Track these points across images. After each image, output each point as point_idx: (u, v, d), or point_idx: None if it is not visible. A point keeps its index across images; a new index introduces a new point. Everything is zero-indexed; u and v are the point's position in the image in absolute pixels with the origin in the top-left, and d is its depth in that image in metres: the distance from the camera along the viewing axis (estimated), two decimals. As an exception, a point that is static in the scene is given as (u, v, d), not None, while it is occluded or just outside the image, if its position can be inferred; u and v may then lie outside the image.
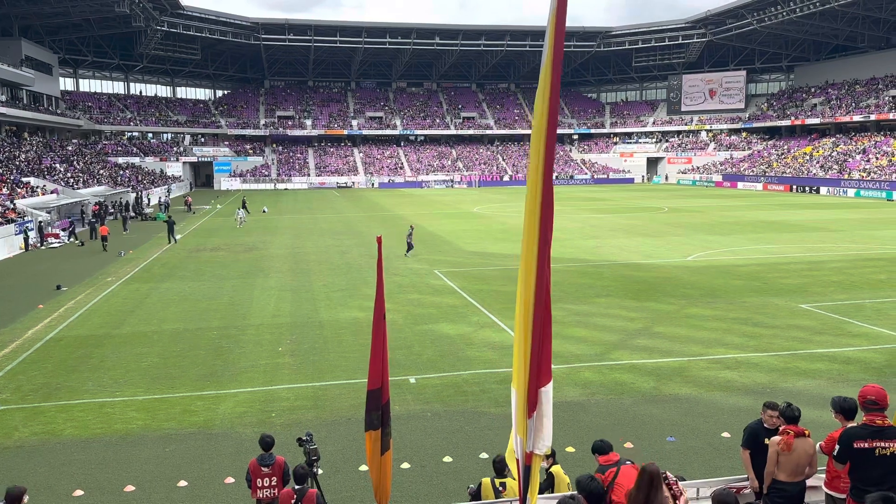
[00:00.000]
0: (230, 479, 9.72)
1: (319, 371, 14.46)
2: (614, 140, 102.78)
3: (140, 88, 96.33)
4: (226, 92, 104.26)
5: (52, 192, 47.20)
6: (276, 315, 19.47)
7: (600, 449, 6.20)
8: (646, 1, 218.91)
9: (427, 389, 13.23)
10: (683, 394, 12.87)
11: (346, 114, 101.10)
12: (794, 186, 70.95)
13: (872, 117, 73.57)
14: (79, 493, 9.45)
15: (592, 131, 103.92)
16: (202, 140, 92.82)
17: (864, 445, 5.58)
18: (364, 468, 9.71)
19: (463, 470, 9.87)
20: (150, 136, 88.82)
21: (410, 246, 29.99)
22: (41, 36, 71.29)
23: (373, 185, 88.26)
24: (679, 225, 40.54)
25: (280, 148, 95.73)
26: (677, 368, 14.30)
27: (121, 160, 75.68)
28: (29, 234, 35.08)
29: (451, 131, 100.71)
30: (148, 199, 60.35)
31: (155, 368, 14.75)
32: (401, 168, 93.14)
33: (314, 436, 8.08)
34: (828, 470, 6.10)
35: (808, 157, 77.35)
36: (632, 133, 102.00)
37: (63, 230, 38.85)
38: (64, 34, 75.39)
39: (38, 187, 47.01)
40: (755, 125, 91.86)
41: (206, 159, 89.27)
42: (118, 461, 10.38)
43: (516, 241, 34.02)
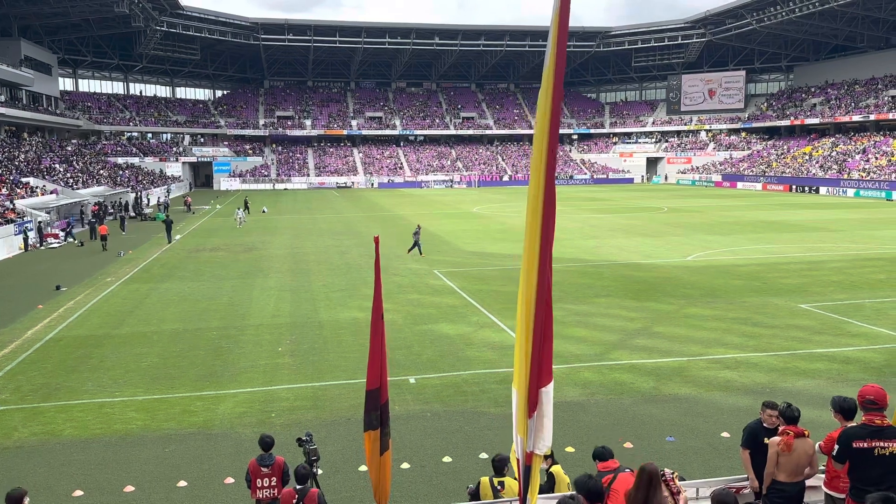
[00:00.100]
0: (230, 480, 9.72)
1: (319, 371, 14.46)
2: (614, 140, 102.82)
3: (139, 88, 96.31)
4: (225, 92, 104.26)
5: (51, 193, 47.20)
6: (275, 315, 19.47)
7: (601, 455, 6.19)
8: (645, 1, 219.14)
9: (427, 389, 13.24)
10: (683, 394, 12.87)
11: (346, 114, 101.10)
12: (794, 186, 70.99)
13: (872, 117, 73.62)
14: (78, 493, 9.45)
15: (592, 131, 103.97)
16: (202, 140, 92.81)
17: (864, 445, 5.58)
18: (364, 468, 9.71)
19: (462, 470, 9.87)
20: (150, 136, 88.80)
21: (417, 245, 29.95)
22: (40, 36, 71.30)
23: (372, 185, 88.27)
24: (679, 225, 40.55)
25: (279, 148, 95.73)
26: (677, 368, 14.30)
27: (120, 160, 75.66)
28: (28, 234, 35.09)
29: (451, 131, 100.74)
30: (147, 200, 60.34)
31: (154, 369, 14.75)
32: (400, 168, 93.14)
33: (314, 436, 8.08)
34: (827, 470, 6.10)
35: (807, 157, 77.38)
36: (631, 133, 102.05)
37: (61, 230, 38.83)
38: (63, 34, 75.40)
39: (37, 187, 47.01)
40: (755, 125, 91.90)
41: (206, 159, 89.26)
42: (118, 461, 10.38)
43: (515, 241, 34.02)
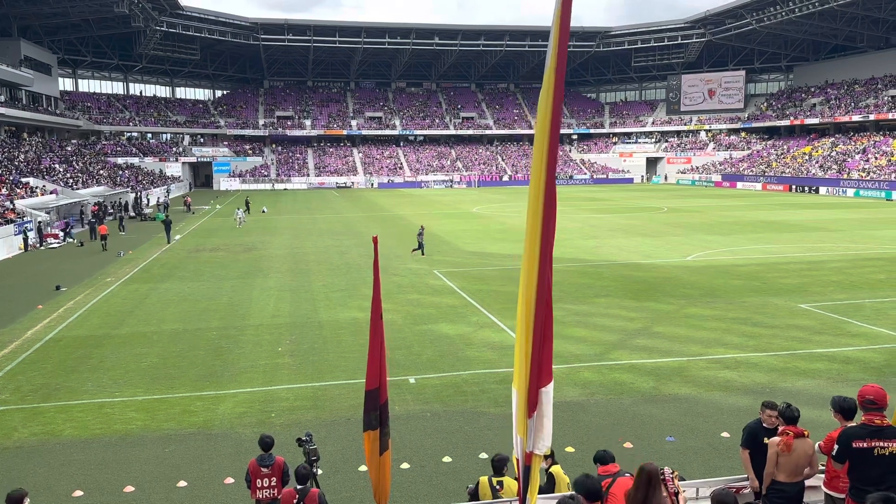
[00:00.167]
0: (230, 480, 9.72)
1: (319, 371, 14.46)
2: (613, 140, 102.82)
3: (139, 89, 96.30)
4: (225, 92, 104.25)
5: (51, 193, 47.19)
6: (275, 315, 19.48)
7: (602, 459, 6.17)
8: (645, 1, 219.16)
9: (426, 389, 13.24)
10: (683, 394, 12.88)
11: (346, 114, 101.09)
12: (794, 186, 71.00)
13: (871, 117, 73.62)
14: (78, 493, 9.45)
15: (592, 131, 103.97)
16: (201, 140, 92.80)
17: (863, 445, 5.58)
18: (363, 468, 9.71)
19: (462, 470, 9.88)
20: (150, 136, 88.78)
21: (421, 245, 29.92)
22: (40, 36, 71.29)
23: (372, 185, 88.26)
24: (678, 225, 40.56)
25: (279, 148, 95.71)
26: (677, 368, 14.30)
27: (120, 160, 75.64)
28: (28, 234, 35.09)
29: (451, 131, 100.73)
30: (147, 200, 60.33)
31: (154, 369, 14.75)
32: (400, 168, 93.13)
33: (314, 436, 8.08)
34: (827, 470, 6.10)
35: (807, 156, 77.39)
36: (631, 133, 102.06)
37: (61, 231, 38.82)
38: (63, 34, 75.38)
39: (37, 188, 47.00)
40: (754, 125, 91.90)
41: (206, 159, 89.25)
42: (118, 461, 10.38)
43: (515, 241, 34.02)
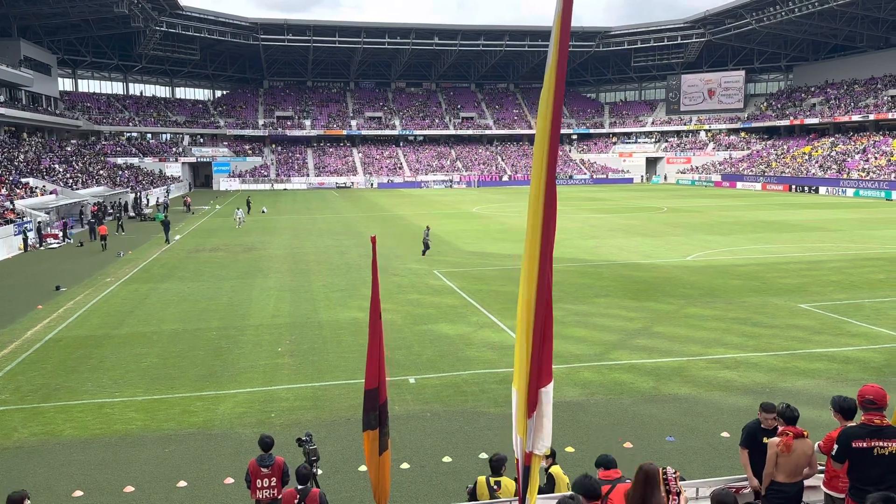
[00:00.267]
0: (230, 480, 9.72)
1: (319, 371, 14.47)
2: (613, 140, 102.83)
3: (139, 89, 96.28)
4: (225, 92, 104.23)
5: (51, 193, 47.18)
6: (275, 315, 19.48)
7: (604, 464, 6.11)
8: (645, 1, 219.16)
9: (426, 389, 13.24)
10: (683, 394, 12.88)
11: (345, 114, 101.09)
12: (793, 186, 71.01)
13: (871, 117, 73.63)
14: (78, 493, 9.45)
15: (591, 131, 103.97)
16: (201, 140, 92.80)
17: (863, 445, 5.58)
18: (363, 468, 9.70)
19: (462, 470, 9.88)
20: (149, 136, 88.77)
21: (427, 246, 29.91)
22: (40, 36, 71.27)
23: (372, 185, 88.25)
24: (678, 225, 40.56)
25: (279, 148, 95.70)
26: (676, 368, 14.31)
27: (120, 160, 75.63)
28: (28, 234, 35.08)
29: (451, 131, 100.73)
30: (147, 200, 60.33)
31: (154, 369, 14.75)
32: (400, 168, 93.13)
33: (313, 436, 8.09)
34: (826, 469, 6.10)
35: (807, 156, 77.40)
36: (631, 133, 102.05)
37: (60, 231, 38.78)
38: (63, 34, 75.36)
39: (37, 188, 46.99)
40: (754, 125, 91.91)
41: (205, 160, 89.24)
42: (118, 462, 10.38)
43: (515, 241, 34.02)
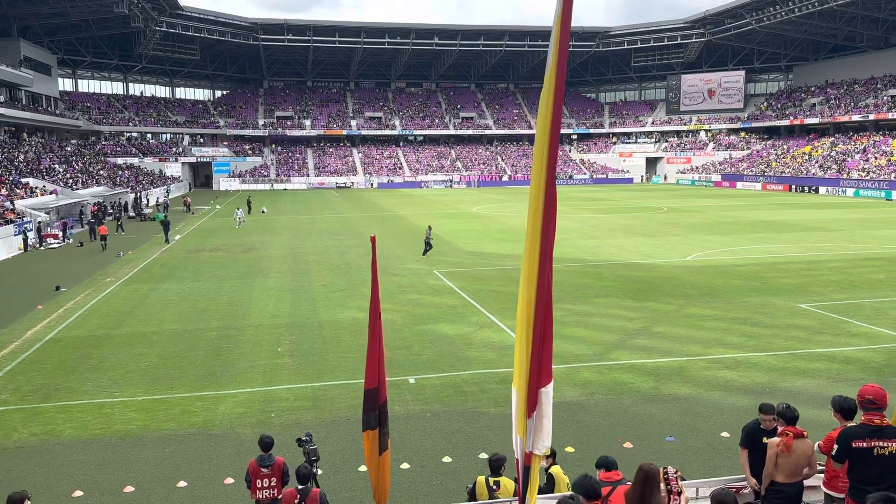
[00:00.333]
0: (230, 480, 9.72)
1: (319, 371, 14.47)
2: (613, 140, 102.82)
3: (139, 89, 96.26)
4: (225, 92, 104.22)
5: (51, 193, 47.17)
6: (275, 315, 19.48)
7: (605, 465, 6.07)
8: (645, 1, 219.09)
9: (426, 390, 13.24)
10: (683, 394, 12.88)
11: (345, 114, 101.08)
12: (793, 186, 71.00)
13: (871, 117, 73.62)
14: (78, 493, 9.45)
15: (591, 131, 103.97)
16: (201, 140, 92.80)
17: (863, 445, 5.57)
18: (363, 468, 9.70)
19: (462, 470, 9.88)
20: (149, 136, 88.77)
21: (429, 245, 29.90)
22: (40, 36, 71.26)
23: (372, 185, 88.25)
24: (678, 225, 40.56)
25: (279, 148, 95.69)
26: (676, 368, 14.31)
27: (120, 161, 75.63)
28: (28, 234, 35.08)
29: (450, 131, 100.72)
30: (147, 200, 60.32)
31: (154, 369, 14.75)
32: (400, 168, 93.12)
33: (313, 436, 8.09)
34: (826, 469, 6.10)
35: (806, 156, 77.39)
36: (631, 133, 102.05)
37: (60, 231, 38.76)
38: (63, 35, 75.36)
39: (37, 188, 46.98)
40: (754, 125, 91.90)
41: (205, 160, 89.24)
42: (118, 462, 10.38)
43: (515, 241, 34.02)
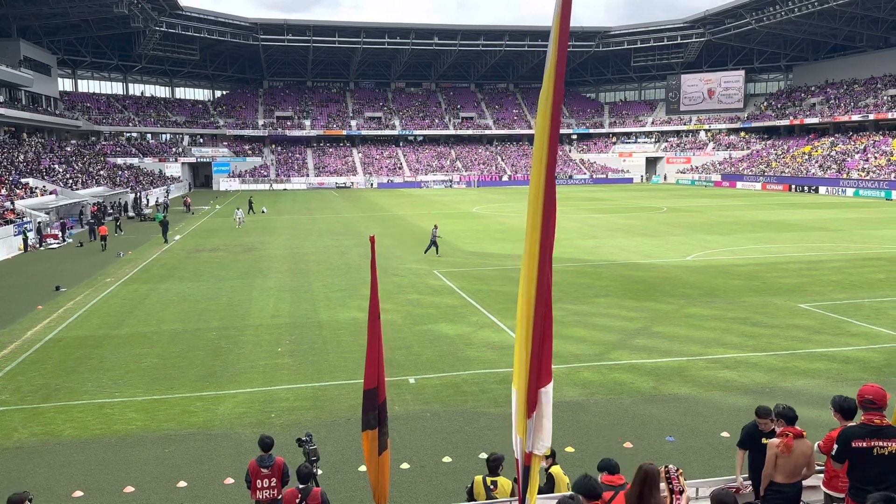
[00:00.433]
0: (230, 480, 9.73)
1: (319, 371, 14.47)
2: (613, 140, 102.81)
3: (139, 89, 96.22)
4: (224, 92, 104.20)
5: (50, 193, 47.17)
6: (275, 315, 19.48)
7: (607, 468, 5.99)
8: (645, 1, 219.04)
9: (426, 390, 13.24)
10: (683, 393, 12.88)
11: (345, 114, 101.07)
12: (793, 186, 71.00)
13: (871, 117, 73.62)
14: (78, 493, 9.45)
15: (591, 131, 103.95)
16: (201, 141, 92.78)
17: (863, 445, 5.57)
18: (363, 468, 9.70)
19: (462, 470, 9.88)
20: (149, 136, 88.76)
21: (435, 245, 29.81)
22: (40, 37, 71.24)
23: (371, 185, 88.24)
24: (678, 225, 40.56)
25: (279, 148, 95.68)
26: (676, 368, 14.31)
27: (119, 161, 75.62)
28: (28, 234, 35.08)
29: (450, 131, 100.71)
30: (147, 200, 60.32)
31: (154, 369, 14.75)
32: (400, 168, 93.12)
33: (313, 436, 8.09)
34: (826, 469, 6.10)
35: (806, 156, 77.39)
36: (630, 133, 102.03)
37: (59, 231, 38.77)
38: (62, 35, 75.33)
39: (36, 188, 46.98)
40: (754, 125, 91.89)
41: (205, 160, 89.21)
42: (118, 462, 10.39)
43: (515, 241, 34.02)
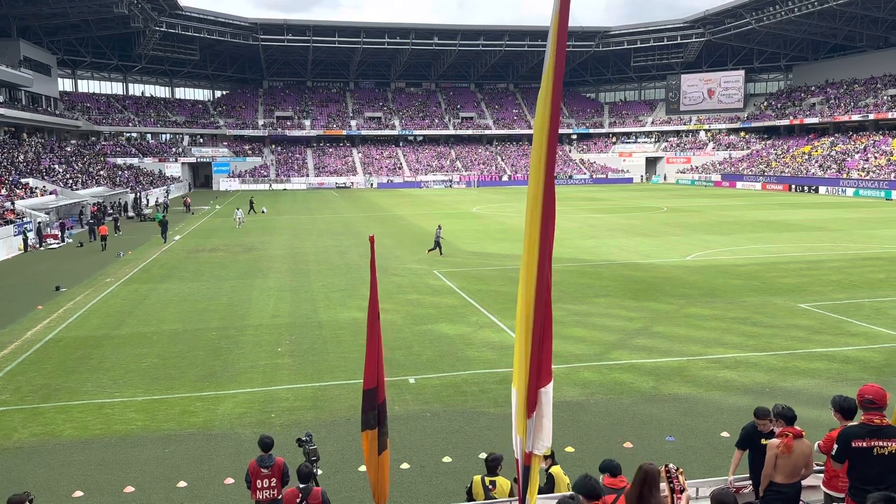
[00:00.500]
0: (230, 480, 9.73)
1: (318, 371, 14.47)
2: (613, 140, 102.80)
3: (139, 89, 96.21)
4: (224, 92, 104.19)
5: (50, 193, 47.17)
6: (275, 315, 19.48)
7: (609, 469, 5.92)
8: (644, 1, 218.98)
9: (426, 390, 13.24)
10: (683, 393, 12.88)
11: (345, 114, 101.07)
12: (793, 186, 71.00)
13: (871, 116, 73.61)
14: (78, 493, 9.45)
15: (591, 131, 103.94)
16: (201, 141, 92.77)
17: (863, 444, 5.57)
18: (363, 468, 9.70)
19: (462, 470, 9.87)
20: (149, 136, 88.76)
21: (439, 245, 29.82)
22: (40, 37, 71.24)
23: (371, 185, 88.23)
24: (678, 224, 40.56)
25: (279, 148, 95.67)
26: (676, 368, 14.31)
27: (119, 161, 75.62)
28: (28, 234, 35.08)
29: (450, 131, 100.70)
30: (147, 200, 60.31)
31: (154, 369, 14.75)
32: (399, 168, 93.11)
33: (313, 436, 8.09)
34: (826, 469, 6.10)
35: (806, 156, 77.39)
36: (630, 133, 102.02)
37: (59, 231, 38.75)
38: (62, 35, 75.32)
39: (36, 188, 46.98)
40: (754, 125, 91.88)
41: (205, 160, 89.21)
42: (118, 462, 10.39)
43: (515, 241, 34.02)
